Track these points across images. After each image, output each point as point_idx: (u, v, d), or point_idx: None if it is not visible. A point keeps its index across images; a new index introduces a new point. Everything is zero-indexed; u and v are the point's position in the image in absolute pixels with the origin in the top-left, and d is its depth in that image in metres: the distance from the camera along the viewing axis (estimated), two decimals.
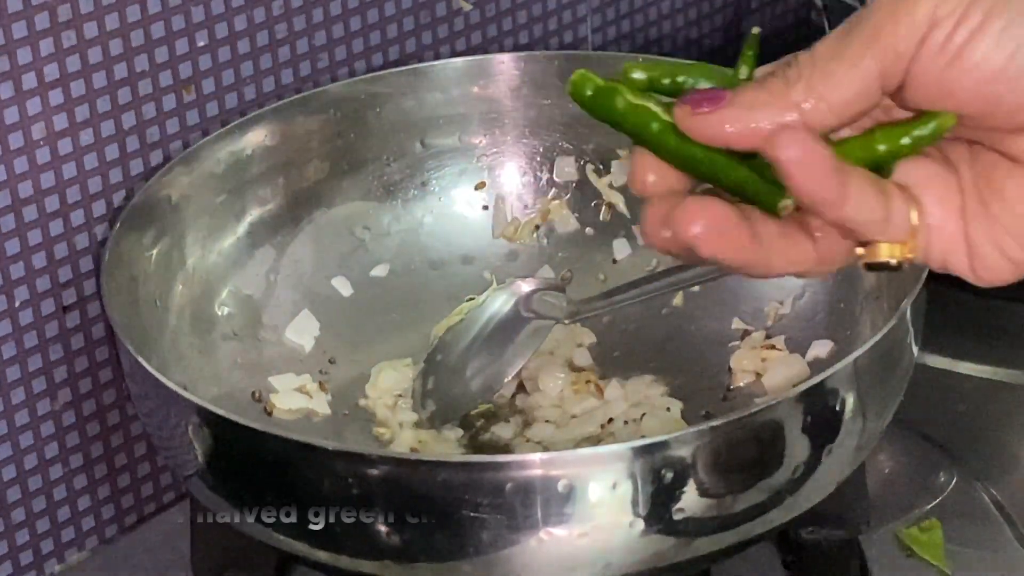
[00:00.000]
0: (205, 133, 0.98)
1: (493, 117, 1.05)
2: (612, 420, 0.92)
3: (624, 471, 0.76)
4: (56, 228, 0.94)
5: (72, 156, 0.93)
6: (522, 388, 0.96)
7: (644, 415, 0.93)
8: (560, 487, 0.76)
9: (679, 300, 1.01)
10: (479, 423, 0.95)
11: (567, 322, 0.93)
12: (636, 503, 0.77)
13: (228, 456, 0.81)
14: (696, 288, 1.00)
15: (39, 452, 0.96)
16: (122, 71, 0.94)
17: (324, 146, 1.02)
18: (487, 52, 1.10)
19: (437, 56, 1.08)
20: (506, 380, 0.94)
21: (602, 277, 1.03)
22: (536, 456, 0.76)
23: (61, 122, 0.92)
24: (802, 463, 0.80)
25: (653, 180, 0.57)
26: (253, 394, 0.95)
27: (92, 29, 0.92)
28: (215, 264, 0.98)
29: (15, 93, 0.89)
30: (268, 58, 1.01)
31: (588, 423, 0.93)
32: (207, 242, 0.97)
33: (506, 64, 1.04)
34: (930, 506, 0.95)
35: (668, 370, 0.97)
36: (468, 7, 1.09)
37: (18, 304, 0.93)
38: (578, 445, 0.91)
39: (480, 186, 1.05)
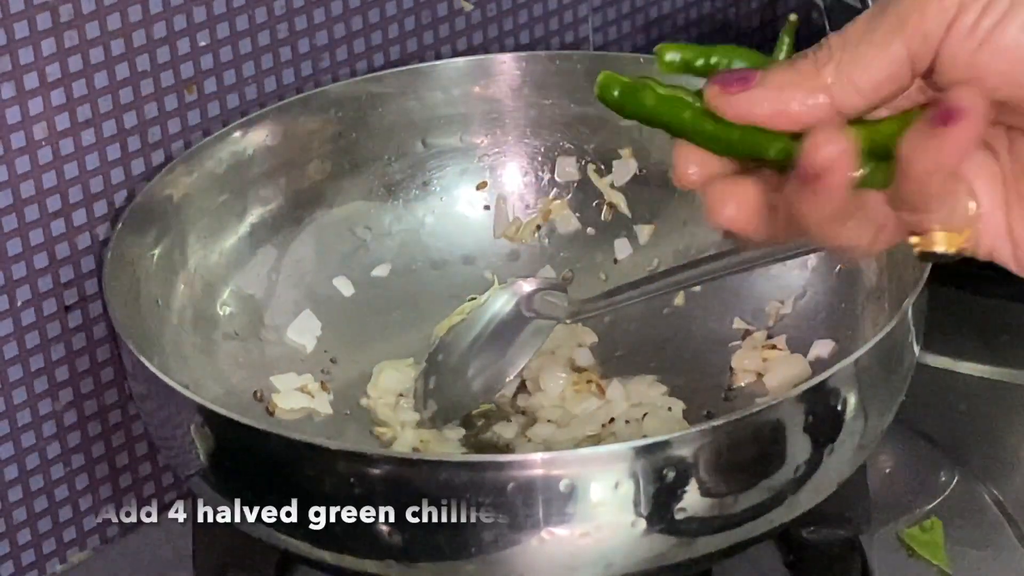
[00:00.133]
0: (207, 133, 0.98)
1: (494, 117, 1.05)
2: (613, 420, 0.92)
3: (626, 471, 0.76)
4: (58, 228, 0.93)
5: (74, 156, 0.93)
6: (523, 388, 0.96)
7: (645, 415, 0.92)
8: (562, 487, 0.76)
9: (680, 300, 1.01)
10: (480, 423, 0.94)
11: (568, 322, 0.93)
12: (638, 503, 0.76)
13: (230, 456, 0.81)
14: (697, 288, 0.99)
15: (41, 452, 0.96)
16: (124, 71, 0.94)
17: (325, 146, 1.02)
18: (488, 52, 1.10)
19: (438, 56, 1.08)
20: (508, 380, 0.93)
21: (603, 277, 1.03)
22: (538, 456, 0.76)
23: (63, 122, 0.92)
24: (803, 463, 0.80)
25: (694, 171, 0.57)
26: (255, 394, 0.95)
27: (94, 29, 0.92)
28: (217, 264, 0.98)
29: (17, 93, 0.89)
30: (269, 58, 1.00)
31: (589, 423, 0.93)
32: (209, 242, 0.97)
33: (507, 64, 1.04)
34: (931, 506, 0.95)
35: (669, 370, 0.97)
36: (469, 7, 1.09)
37: (20, 304, 0.93)
38: (579, 445, 0.91)
39: (481, 186, 1.05)
